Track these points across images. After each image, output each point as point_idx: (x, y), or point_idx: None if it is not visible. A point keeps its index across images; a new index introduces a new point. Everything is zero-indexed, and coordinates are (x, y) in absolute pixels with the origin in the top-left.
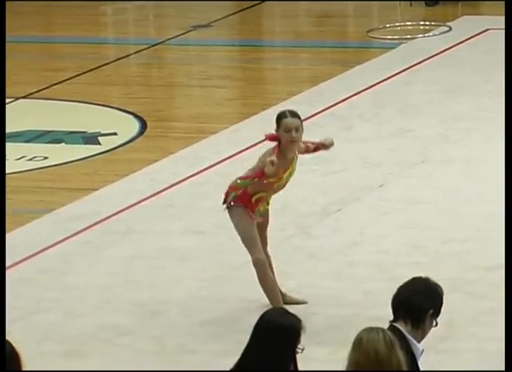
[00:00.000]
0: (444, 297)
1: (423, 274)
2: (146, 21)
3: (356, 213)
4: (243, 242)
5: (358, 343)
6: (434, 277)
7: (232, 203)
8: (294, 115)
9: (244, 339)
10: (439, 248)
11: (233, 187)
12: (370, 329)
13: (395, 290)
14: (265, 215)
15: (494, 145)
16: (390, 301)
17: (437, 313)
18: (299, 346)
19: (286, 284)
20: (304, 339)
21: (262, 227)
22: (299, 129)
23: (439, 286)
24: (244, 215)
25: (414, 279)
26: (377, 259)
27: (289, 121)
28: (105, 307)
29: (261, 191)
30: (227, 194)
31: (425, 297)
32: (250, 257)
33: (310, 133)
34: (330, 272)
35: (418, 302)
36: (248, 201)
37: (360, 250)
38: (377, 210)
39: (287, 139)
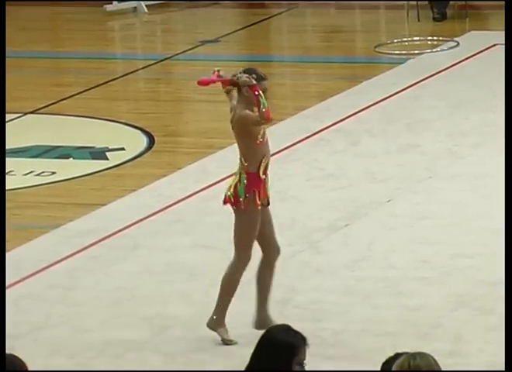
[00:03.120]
0: (452, 312)
1: (430, 289)
2: (154, 36)
3: (364, 228)
4: (239, 242)
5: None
6: (442, 293)
7: (244, 204)
8: (264, 77)
9: (249, 354)
10: (447, 263)
11: (235, 185)
12: (422, 355)
13: (402, 305)
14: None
15: (502, 160)
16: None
17: None
18: (304, 362)
19: (294, 300)
20: (312, 354)
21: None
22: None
23: None
24: (255, 217)
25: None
26: (385, 274)
27: (265, 83)
28: (113, 322)
29: (260, 156)
30: (236, 196)
31: None
32: (234, 260)
33: (318, 148)
34: (337, 287)
35: None
36: (258, 181)
37: (368, 265)
38: (385, 225)
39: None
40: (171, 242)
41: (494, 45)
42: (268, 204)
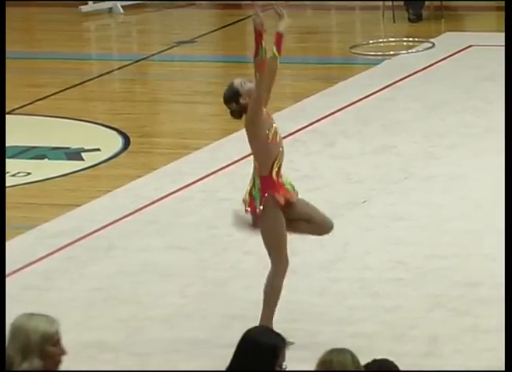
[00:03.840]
0: (428, 313)
1: (406, 290)
2: (129, 37)
3: (339, 229)
4: (271, 248)
5: (322, 363)
6: (417, 293)
7: (261, 204)
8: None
9: (228, 355)
10: (422, 264)
11: (250, 190)
12: (339, 351)
13: (378, 306)
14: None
15: (477, 161)
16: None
17: None
18: (283, 364)
19: None
20: (288, 356)
21: (301, 205)
22: None
23: None
24: (277, 218)
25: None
26: (360, 275)
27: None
28: (89, 323)
29: (271, 158)
30: (251, 203)
31: None
32: (273, 268)
33: (293, 149)
34: (313, 288)
35: None
36: (272, 182)
37: (343, 266)
38: (360, 226)
39: None
40: (146, 242)
41: (470, 46)
42: (288, 201)
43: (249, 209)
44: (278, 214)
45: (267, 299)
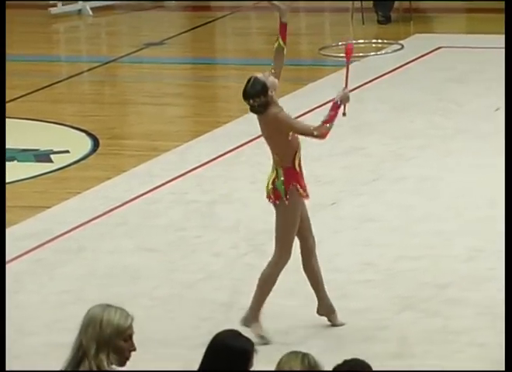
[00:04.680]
0: (397, 315)
1: (375, 292)
2: (98, 39)
3: None
4: (282, 239)
5: (277, 365)
6: (387, 295)
7: (287, 196)
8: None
9: (197, 357)
10: (392, 266)
11: (273, 181)
12: (291, 352)
13: (348, 308)
14: None
15: (447, 162)
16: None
17: None
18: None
19: (239, 302)
20: (258, 357)
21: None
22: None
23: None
24: (298, 211)
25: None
26: (330, 277)
27: None
28: (57, 325)
29: (294, 150)
30: (275, 192)
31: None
32: (275, 257)
33: (262, 151)
34: (283, 290)
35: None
36: (295, 174)
37: None
38: (330, 228)
39: None
40: (115, 244)
41: (439, 48)
42: (307, 196)
43: (272, 199)
44: (298, 207)
45: (260, 289)
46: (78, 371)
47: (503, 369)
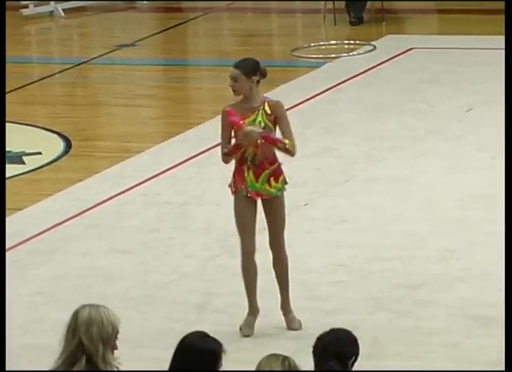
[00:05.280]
0: (369, 315)
1: (348, 293)
2: (70, 40)
3: None
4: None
5: (256, 367)
6: (359, 296)
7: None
8: (236, 65)
9: (168, 358)
10: (364, 266)
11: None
12: (271, 355)
13: (320, 309)
14: (263, 192)
15: (418, 163)
16: (312, 349)
17: (355, 361)
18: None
19: (211, 304)
20: (230, 359)
21: (268, 212)
22: (236, 79)
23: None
24: (238, 200)
25: (336, 328)
26: (302, 277)
27: (230, 71)
28: (30, 327)
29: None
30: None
31: (349, 344)
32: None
33: None
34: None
35: (344, 347)
36: (236, 174)
37: None
38: (302, 229)
39: None
40: (87, 246)
41: (410, 49)
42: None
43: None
44: (236, 201)
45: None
46: (98, 371)
47: (476, 369)
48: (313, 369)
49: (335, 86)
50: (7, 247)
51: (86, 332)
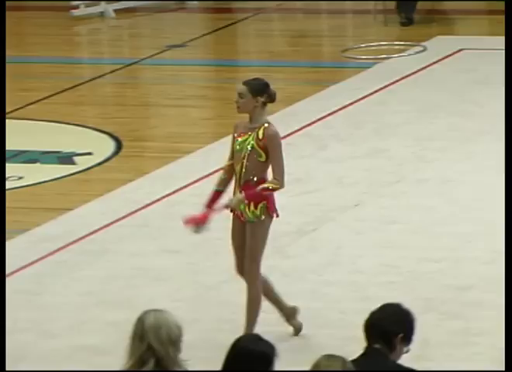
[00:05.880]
0: (419, 316)
1: (397, 294)
2: (120, 41)
3: (331, 233)
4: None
5: (314, 367)
6: (409, 297)
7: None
8: (245, 81)
9: (219, 358)
10: (414, 268)
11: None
12: (330, 356)
13: (370, 310)
14: (243, 213)
15: (468, 164)
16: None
17: (408, 338)
18: None
19: (262, 304)
20: (281, 360)
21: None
22: (242, 96)
23: (411, 312)
24: (232, 220)
25: (386, 304)
26: (352, 278)
27: (238, 86)
28: (81, 327)
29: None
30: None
31: (395, 320)
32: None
33: (285, 153)
34: (305, 292)
35: (388, 325)
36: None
37: (335, 270)
38: (352, 230)
39: None
40: (137, 246)
41: (460, 50)
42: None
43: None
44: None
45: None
46: (169, 371)
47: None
48: None
49: (385, 87)
50: (57, 247)
51: (155, 335)
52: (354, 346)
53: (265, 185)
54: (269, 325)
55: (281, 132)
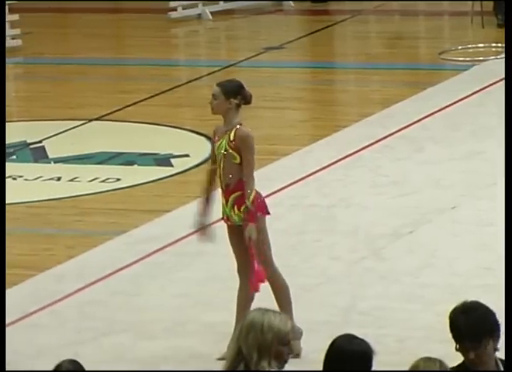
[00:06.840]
0: None
1: (494, 297)
2: (218, 43)
3: (428, 235)
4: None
5: (412, 368)
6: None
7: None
8: (219, 83)
9: (317, 360)
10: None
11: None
12: (428, 359)
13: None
14: (230, 217)
15: None
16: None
17: (497, 337)
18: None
19: (358, 306)
20: (376, 361)
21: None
22: (215, 97)
23: (493, 311)
24: (227, 228)
25: (469, 304)
26: (449, 281)
27: (213, 88)
28: (177, 329)
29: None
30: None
31: (484, 320)
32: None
33: (382, 155)
34: (401, 294)
35: (479, 326)
36: None
37: (431, 272)
38: (449, 232)
39: None
40: None
41: None
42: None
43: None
44: None
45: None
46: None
47: None
48: None
49: (483, 89)
50: (155, 249)
51: (245, 337)
52: (450, 348)
53: (247, 201)
54: (364, 327)
55: (378, 134)
